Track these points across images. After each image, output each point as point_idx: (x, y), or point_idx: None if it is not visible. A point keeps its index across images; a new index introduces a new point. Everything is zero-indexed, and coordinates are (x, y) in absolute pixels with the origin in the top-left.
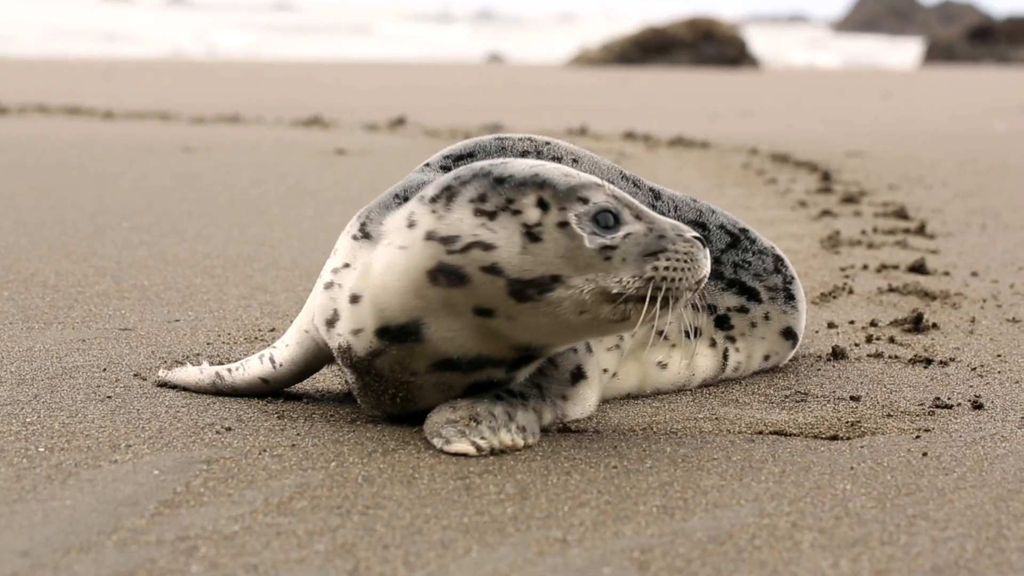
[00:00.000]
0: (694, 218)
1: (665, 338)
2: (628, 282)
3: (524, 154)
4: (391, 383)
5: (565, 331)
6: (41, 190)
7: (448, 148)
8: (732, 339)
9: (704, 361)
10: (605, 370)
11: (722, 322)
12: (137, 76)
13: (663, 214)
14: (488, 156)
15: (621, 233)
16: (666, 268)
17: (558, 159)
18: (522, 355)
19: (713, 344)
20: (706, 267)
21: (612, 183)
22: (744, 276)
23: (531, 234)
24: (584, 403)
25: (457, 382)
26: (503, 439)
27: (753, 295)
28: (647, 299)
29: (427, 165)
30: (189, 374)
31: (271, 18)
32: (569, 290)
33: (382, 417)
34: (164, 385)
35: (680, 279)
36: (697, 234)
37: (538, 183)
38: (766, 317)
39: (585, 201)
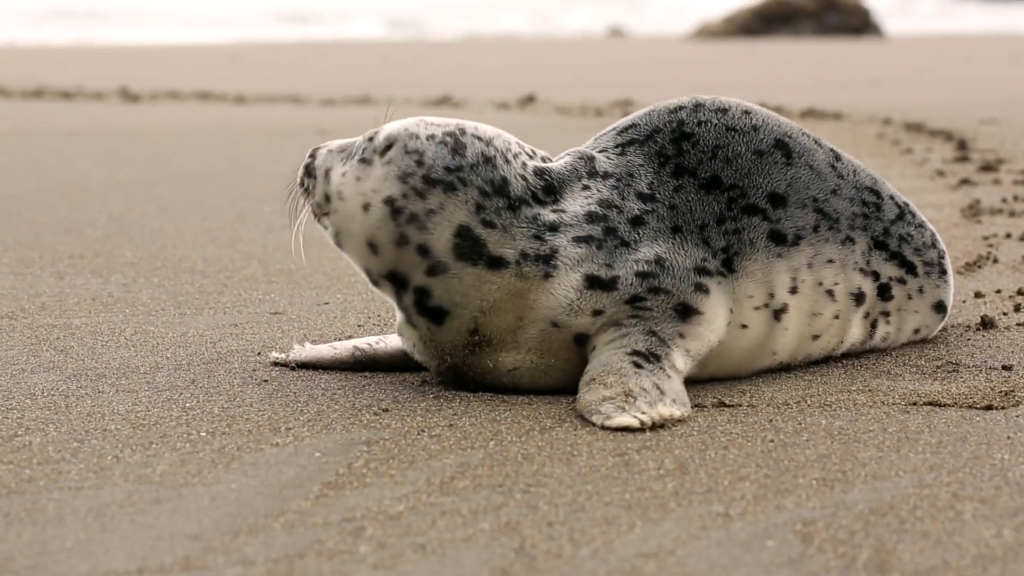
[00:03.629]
0: (870, 184)
1: (833, 298)
2: None
3: (677, 109)
4: None
5: None
6: (181, 177)
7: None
8: (886, 312)
9: (854, 330)
10: (744, 326)
11: (883, 291)
12: (262, 59)
13: (841, 176)
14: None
15: None
16: None
17: (724, 110)
18: None
19: (866, 315)
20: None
21: (790, 137)
22: (906, 250)
23: None
24: (702, 340)
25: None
26: (662, 412)
27: (911, 268)
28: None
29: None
30: (321, 351)
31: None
32: None
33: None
34: (284, 365)
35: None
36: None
37: None
38: (920, 290)
39: None
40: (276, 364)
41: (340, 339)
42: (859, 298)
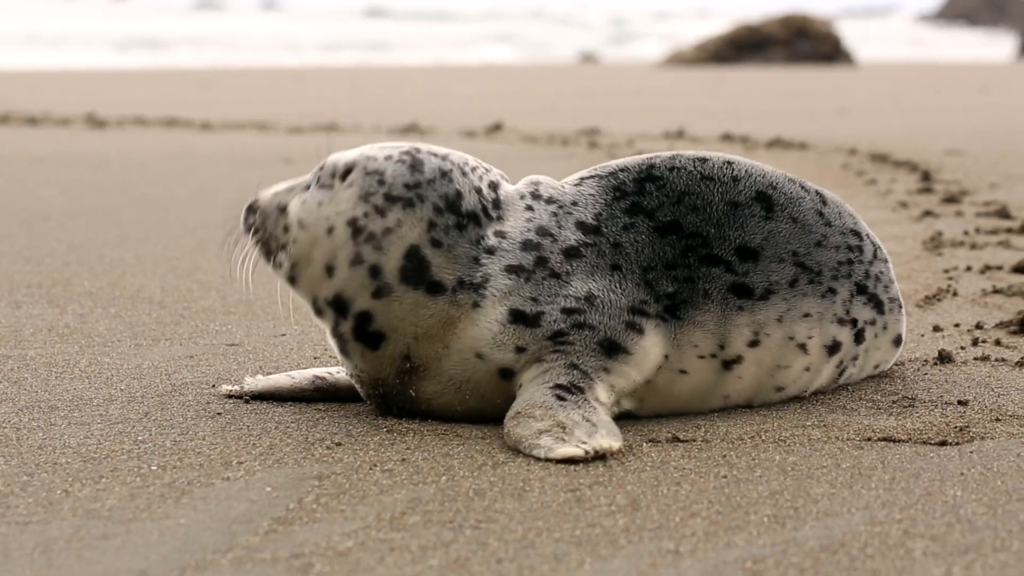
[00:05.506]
0: (852, 226)
1: (805, 352)
2: None
3: (654, 158)
4: None
5: None
6: (143, 205)
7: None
8: (855, 357)
9: (822, 378)
10: (684, 372)
11: (859, 336)
12: (233, 85)
13: (829, 223)
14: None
15: None
16: None
17: (703, 160)
18: None
19: (839, 363)
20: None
21: (774, 188)
22: (879, 289)
23: None
24: (627, 379)
25: None
26: (601, 443)
27: (880, 307)
28: None
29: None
30: (278, 381)
31: (363, 24)
32: None
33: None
34: (238, 397)
35: None
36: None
37: None
38: (884, 327)
39: None
40: (230, 396)
41: (295, 371)
42: (834, 348)
